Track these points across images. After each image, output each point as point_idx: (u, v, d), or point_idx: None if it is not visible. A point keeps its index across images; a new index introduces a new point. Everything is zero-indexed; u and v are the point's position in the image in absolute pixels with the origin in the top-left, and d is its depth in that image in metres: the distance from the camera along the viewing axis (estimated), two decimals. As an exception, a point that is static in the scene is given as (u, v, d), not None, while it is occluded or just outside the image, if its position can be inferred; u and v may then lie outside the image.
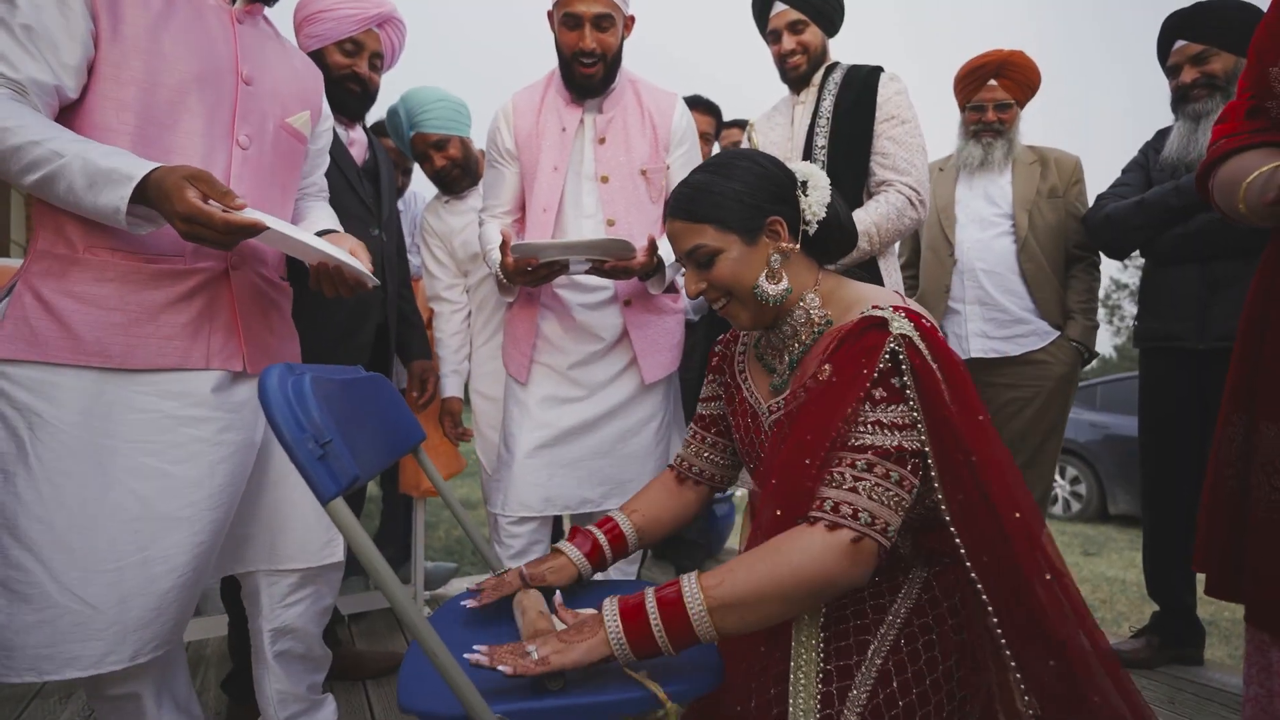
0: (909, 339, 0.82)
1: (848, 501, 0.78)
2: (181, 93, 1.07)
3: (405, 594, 0.76)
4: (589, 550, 1.10)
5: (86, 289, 1.02)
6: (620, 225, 1.65)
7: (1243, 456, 0.90)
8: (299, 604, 1.30)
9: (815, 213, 0.96)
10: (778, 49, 1.90)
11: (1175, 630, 1.95)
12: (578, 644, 0.79)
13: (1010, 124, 2.15)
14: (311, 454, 0.72)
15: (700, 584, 0.79)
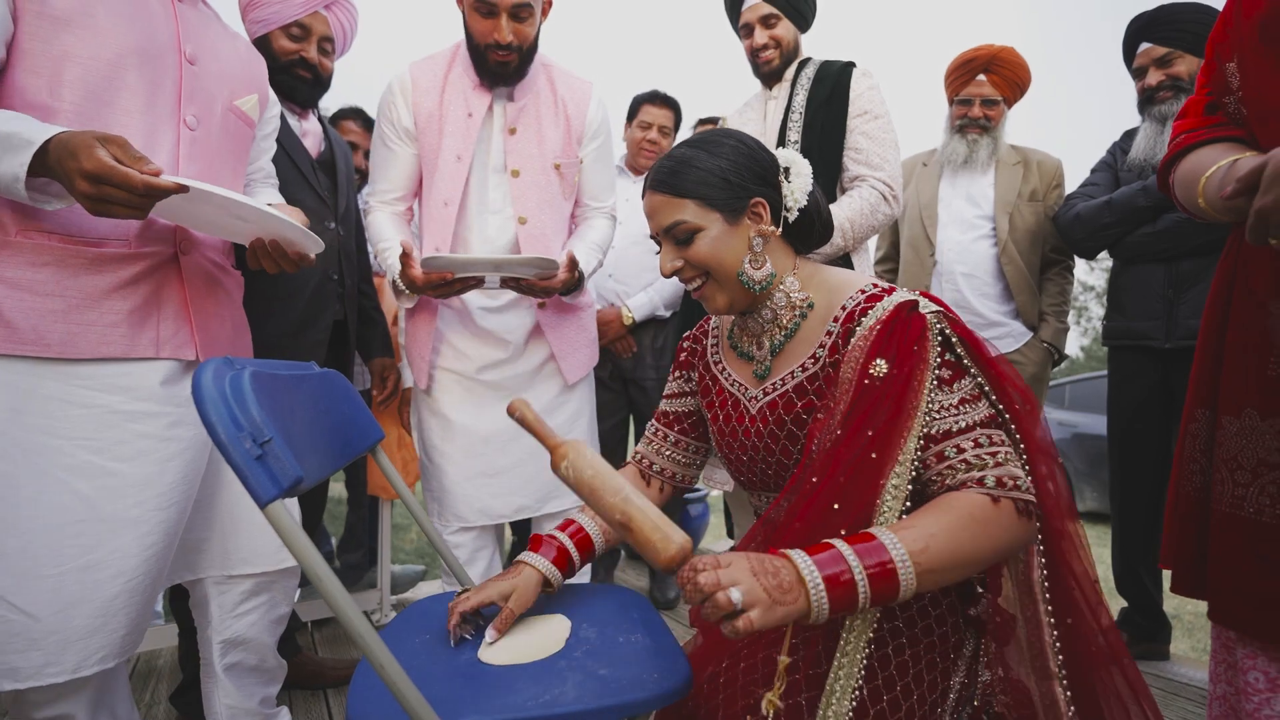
0: (943, 312, 0.84)
1: (1007, 475, 0.78)
2: (119, 68, 1.01)
3: (350, 602, 0.71)
4: (555, 557, 1.02)
5: (20, 274, 0.96)
6: (532, 222, 1.54)
7: (1205, 452, 0.90)
8: (251, 613, 1.25)
9: (797, 199, 0.94)
10: (750, 43, 1.88)
11: (1142, 625, 1.97)
12: (780, 610, 0.68)
13: (996, 121, 2.15)
14: (248, 454, 0.67)
15: (907, 549, 0.72)
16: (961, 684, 0.86)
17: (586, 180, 1.64)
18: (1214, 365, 0.89)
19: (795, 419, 0.91)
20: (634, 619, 1.03)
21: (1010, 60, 2.10)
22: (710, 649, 0.93)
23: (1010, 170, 2.14)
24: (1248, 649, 0.83)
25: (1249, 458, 0.82)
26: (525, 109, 1.54)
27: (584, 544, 1.05)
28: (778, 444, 0.93)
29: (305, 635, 2.16)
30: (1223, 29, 0.91)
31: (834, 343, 0.89)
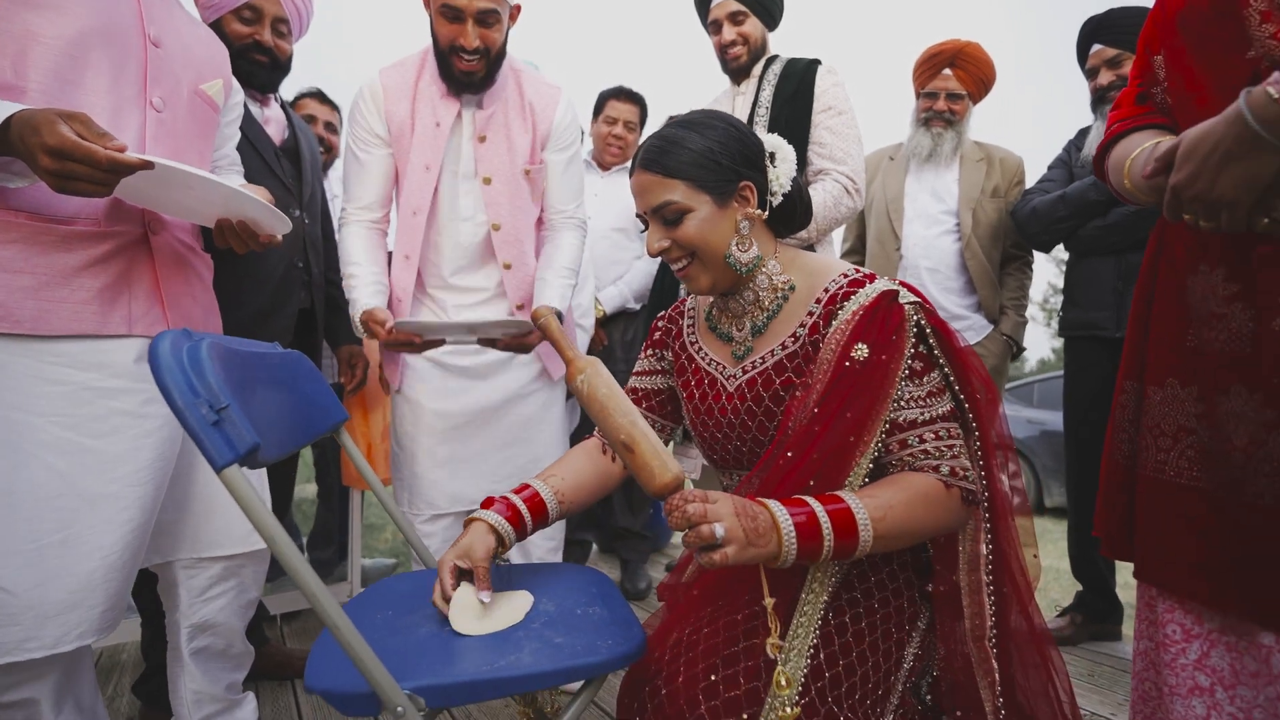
0: (920, 304, 0.88)
1: (961, 467, 0.85)
2: (83, 48, 1.02)
3: (305, 564, 0.73)
4: (507, 515, 1.00)
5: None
6: (506, 228, 1.55)
7: (1134, 422, 0.94)
8: (220, 598, 1.25)
9: (782, 184, 0.96)
10: (719, 40, 1.92)
11: (1096, 608, 2.04)
12: (752, 550, 0.75)
13: (961, 115, 2.19)
14: (204, 419, 0.68)
15: (870, 514, 0.80)
16: (915, 654, 0.90)
17: (556, 187, 1.61)
18: (1141, 339, 0.94)
19: (773, 396, 0.93)
20: (593, 594, 1.06)
21: (975, 56, 2.14)
22: (674, 620, 0.95)
23: (974, 166, 2.19)
24: (1167, 603, 0.88)
25: (1170, 424, 0.87)
26: (494, 116, 1.53)
27: (536, 506, 1.03)
28: (754, 420, 0.95)
29: (274, 629, 2.15)
30: (1151, 24, 0.96)
31: (815, 323, 0.92)
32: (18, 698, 1.03)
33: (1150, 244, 0.97)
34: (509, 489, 1.53)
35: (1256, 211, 0.73)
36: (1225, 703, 0.81)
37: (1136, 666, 0.94)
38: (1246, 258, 0.79)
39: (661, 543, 3.05)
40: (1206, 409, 0.82)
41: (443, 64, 1.46)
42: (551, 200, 1.62)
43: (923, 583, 0.95)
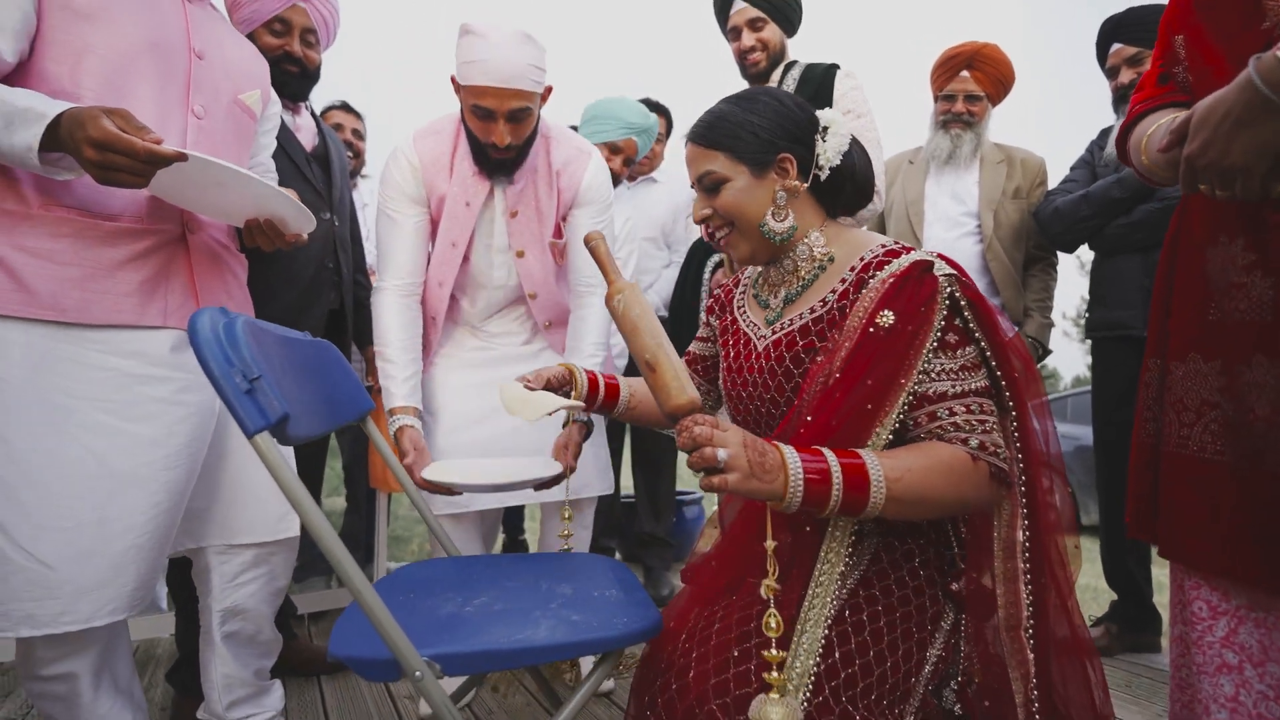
0: (956, 277, 0.86)
1: (992, 443, 0.83)
2: (134, 59, 1.09)
3: (330, 530, 0.76)
4: (590, 379, 1.18)
5: (40, 244, 1.03)
6: (541, 297, 1.57)
7: (1158, 400, 0.93)
8: (251, 583, 1.28)
9: (829, 158, 0.97)
10: (738, 46, 1.95)
11: (1133, 618, 1.97)
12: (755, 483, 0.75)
13: (979, 117, 2.18)
14: (238, 387, 0.72)
15: (885, 473, 0.79)
16: (939, 656, 0.88)
17: (583, 253, 1.55)
18: (1163, 316, 0.94)
19: (794, 357, 0.94)
20: (610, 578, 1.07)
21: (993, 57, 2.13)
22: (692, 600, 0.95)
23: (994, 168, 2.18)
24: (1192, 580, 0.86)
25: (1193, 399, 0.86)
26: (524, 191, 1.52)
27: (612, 390, 1.21)
28: (774, 380, 0.96)
29: (302, 628, 2.19)
30: (1173, 7, 0.97)
31: (845, 289, 0.92)
32: (60, 671, 1.07)
33: (1171, 224, 0.96)
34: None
35: (1271, 179, 0.73)
36: (1255, 680, 0.78)
37: (1173, 653, 0.92)
38: (1263, 225, 0.79)
39: (685, 551, 3.03)
40: (1229, 381, 0.81)
41: (475, 149, 1.45)
42: (578, 264, 1.57)
43: (946, 581, 0.93)
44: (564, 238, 1.58)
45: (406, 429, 1.42)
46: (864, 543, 0.92)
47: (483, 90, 1.33)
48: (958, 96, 2.17)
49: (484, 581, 1.07)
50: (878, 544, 0.92)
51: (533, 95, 1.37)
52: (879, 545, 0.92)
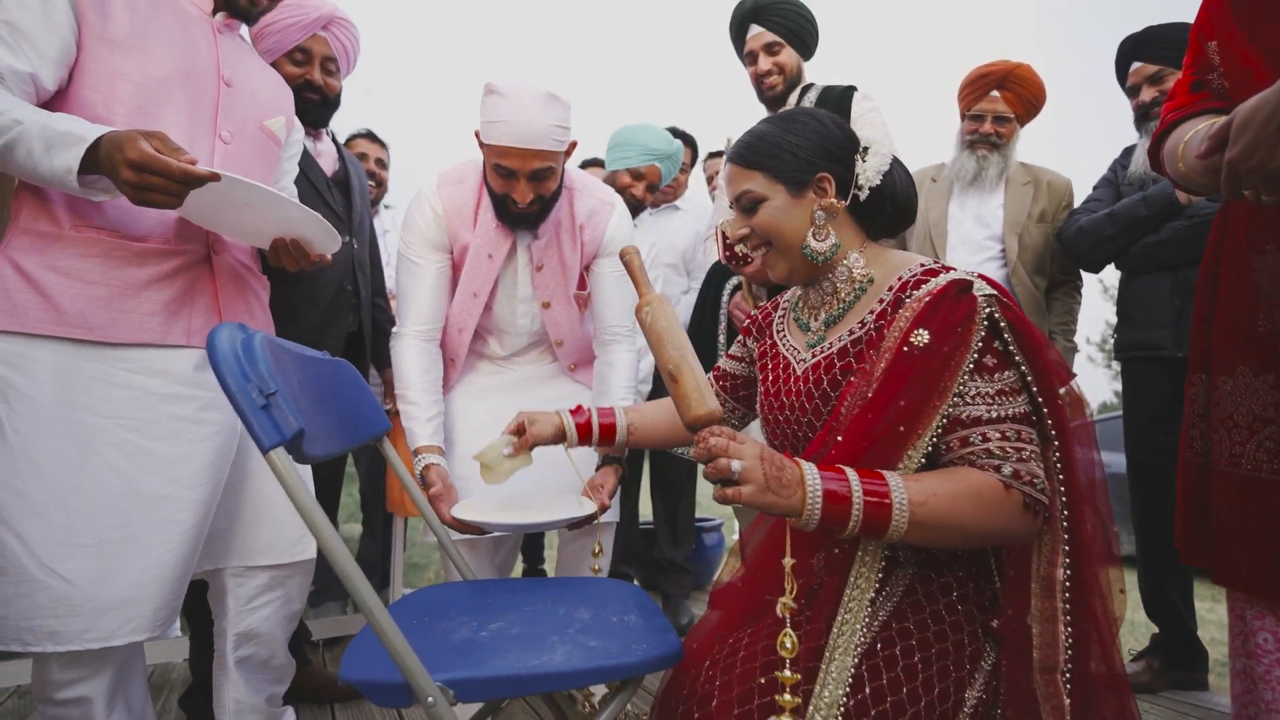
0: (996, 297, 0.83)
1: (1027, 472, 0.80)
2: (166, 86, 1.12)
3: (344, 548, 0.74)
4: (581, 424, 1.21)
5: (70, 264, 1.05)
6: (567, 344, 1.58)
7: (1204, 416, 0.89)
8: (266, 607, 1.27)
9: (868, 178, 0.96)
10: (754, 70, 1.97)
11: (1176, 652, 1.88)
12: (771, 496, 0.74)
13: (1008, 139, 2.11)
14: (254, 402, 0.71)
15: (908, 495, 0.76)
16: (979, 699, 0.83)
17: (608, 299, 1.56)
18: (1206, 330, 0.90)
19: (832, 380, 0.92)
20: (629, 604, 1.04)
21: (1026, 78, 2.06)
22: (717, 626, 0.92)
23: (1020, 190, 2.12)
24: (1255, 609, 0.81)
25: (1244, 415, 0.82)
26: (548, 244, 1.51)
27: (607, 429, 1.23)
28: (811, 404, 0.95)
29: (316, 654, 2.16)
30: (1205, 11, 0.96)
31: (883, 309, 0.90)
32: (75, 695, 1.06)
33: (1211, 234, 0.93)
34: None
35: None
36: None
37: (1235, 689, 0.87)
38: None
39: (704, 579, 2.97)
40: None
41: (497, 204, 1.43)
42: (603, 313, 1.57)
43: (987, 618, 0.88)
44: (587, 288, 1.59)
45: (433, 466, 1.42)
46: (898, 572, 0.89)
47: (506, 150, 1.33)
48: (986, 117, 2.09)
49: (500, 605, 1.05)
50: (913, 574, 0.88)
51: (556, 155, 1.36)
52: (914, 576, 0.88)
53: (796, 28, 1.92)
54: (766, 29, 1.92)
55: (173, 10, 1.17)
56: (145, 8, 1.12)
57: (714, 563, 3.08)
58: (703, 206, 2.68)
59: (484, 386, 1.63)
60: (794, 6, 1.92)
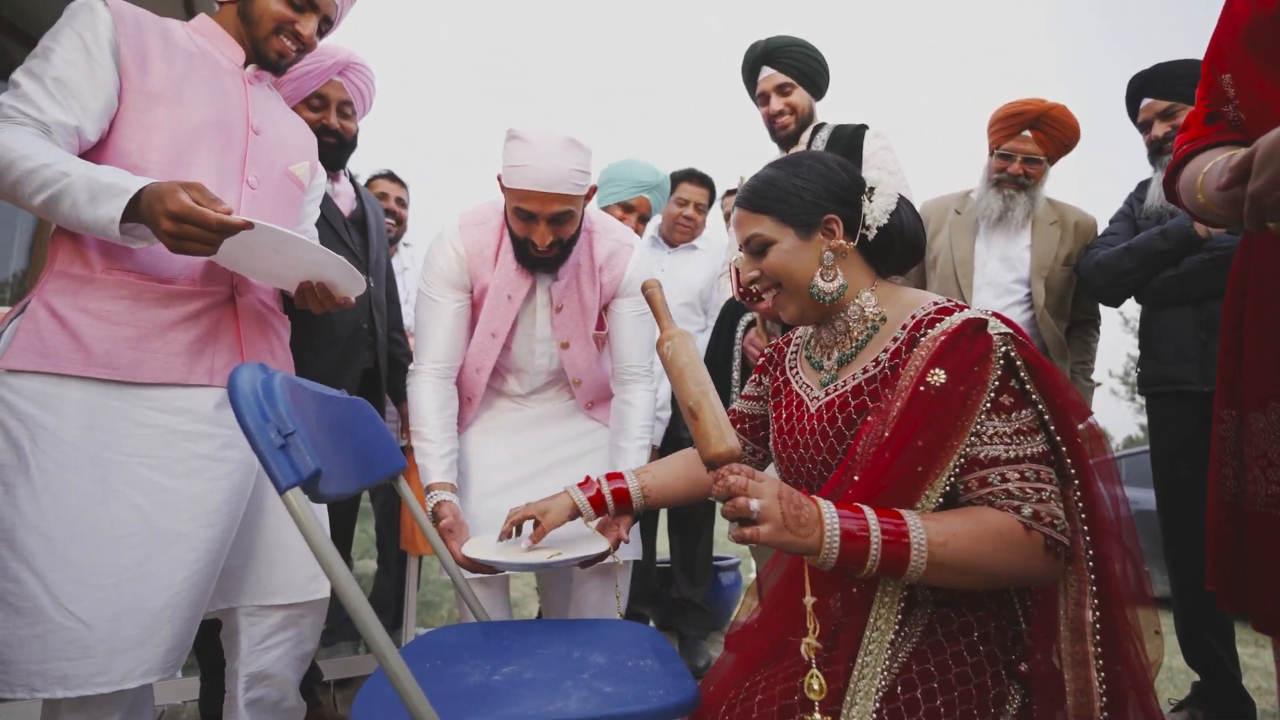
0: (1012, 335, 0.83)
1: (1048, 513, 0.79)
2: (198, 136, 1.16)
3: (363, 597, 0.74)
4: (593, 497, 1.23)
5: (101, 305, 1.08)
6: (586, 383, 1.60)
7: (1236, 454, 0.87)
8: (278, 647, 1.26)
9: (876, 218, 0.97)
10: (767, 110, 2.00)
11: (1220, 700, 1.80)
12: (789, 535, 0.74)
13: (1037, 179, 2.04)
14: (272, 442, 0.72)
15: (928, 536, 0.76)
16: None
17: (626, 339, 1.57)
18: (1235, 364, 0.88)
19: (847, 419, 0.92)
20: (645, 648, 1.02)
21: (1060, 119, 1.97)
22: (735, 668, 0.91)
23: (1047, 231, 2.05)
24: None
25: (1278, 451, 0.80)
26: (568, 286, 1.53)
27: (621, 496, 1.24)
28: (826, 442, 0.94)
29: (327, 694, 2.13)
30: (1216, 45, 0.96)
31: (897, 348, 0.90)
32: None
33: (1235, 265, 0.92)
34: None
35: None
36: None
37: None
38: None
39: (721, 619, 2.90)
40: None
41: (517, 247, 1.45)
42: (622, 352, 1.57)
43: (1011, 659, 0.86)
44: (605, 328, 1.60)
45: (445, 503, 1.42)
46: (916, 611, 0.87)
47: (526, 194, 1.35)
48: (1016, 157, 2.02)
49: (514, 649, 1.03)
50: (932, 614, 0.87)
51: (575, 199, 1.38)
52: (934, 615, 0.86)
53: (807, 69, 1.96)
54: (778, 71, 1.96)
55: (207, 64, 1.22)
56: (182, 62, 1.18)
57: (731, 603, 3.01)
58: (720, 245, 2.70)
59: (501, 424, 1.63)
60: (804, 49, 1.96)
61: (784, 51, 1.95)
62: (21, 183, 0.99)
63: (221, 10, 1.28)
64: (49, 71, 1.06)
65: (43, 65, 1.07)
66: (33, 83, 1.06)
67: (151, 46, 1.15)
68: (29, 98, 1.04)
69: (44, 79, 1.06)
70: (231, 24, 1.27)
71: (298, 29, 1.27)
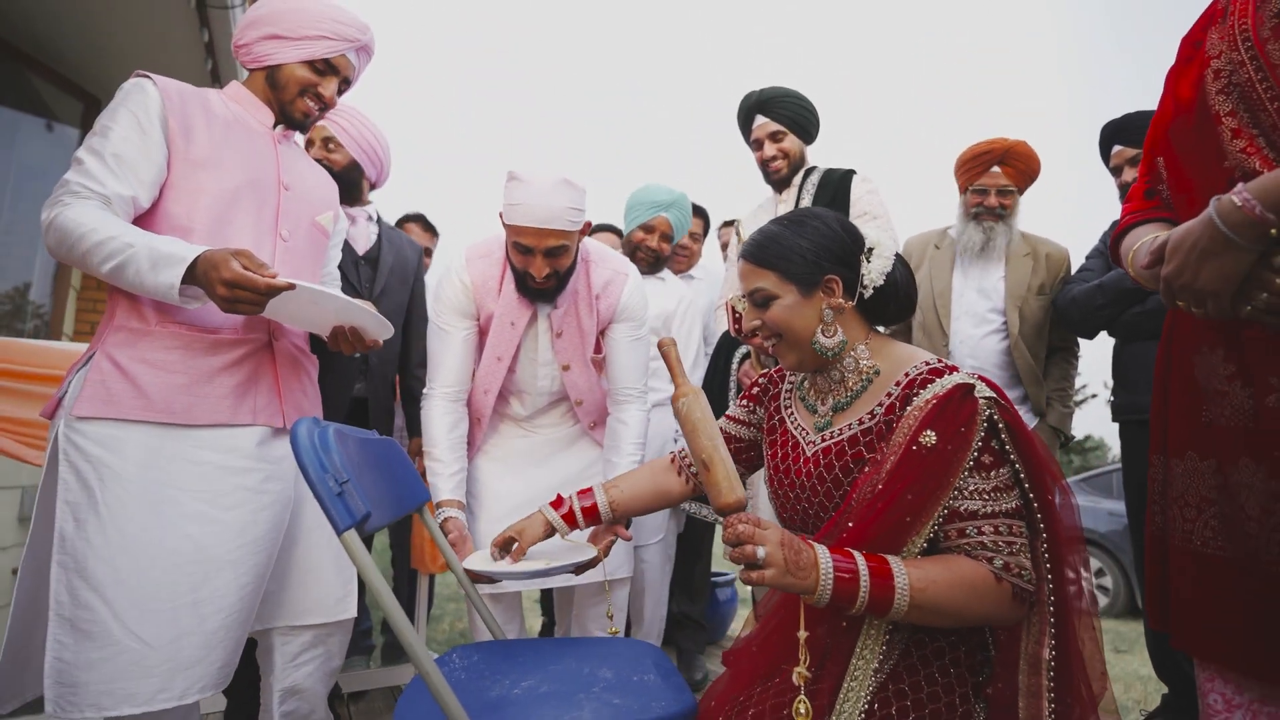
0: (995, 400, 0.91)
1: (1017, 564, 0.88)
2: (237, 196, 1.29)
3: (409, 624, 0.85)
4: (565, 514, 1.28)
5: (157, 355, 1.20)
6: (586, 403, 1.70)
7: (1162, 494, 0.98)
8: (309, 663, 1.37)
9: (873, 279, 1.05)
10: (761, 155, 2.13)
11: (1187, 712, 1.91)
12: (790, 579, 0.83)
13: (1011, 210, 2.22)
14: (331, 490, 0.84)
15: (910, 581, 0.85)
16: None
17: (621, 363, 1.69)
18: (1162, 415, 1.00)
19: (844, 466, 1.00)
20: (648, 664, 1.13)
21: (1024, 153, 2.19)
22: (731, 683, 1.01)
23: (1021, 262, 2.20)
24: (1206, 672, 0.89)
25: (1194, 495, 0.91)
26: (567, 313, 1.64)
27: (590, 511, 1.29)
28: (823, 486, 1.02)
29: (342, 706, 2.23)
30: (1154, 130, 1.07)
31: (892, 404, 0.98)
32: None
33: (1165, 324, 1.04)
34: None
35: (1239, 300, 0.81)
36: (1272, 777, 0.80)
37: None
38: (1238, 340, 0.86)
39: (718, 634, 3.01)
40: (1223, 480, 0.87)
41: (517, 278, 1.57)
42: (616, 375, 1.70)
43: (979, 681, 0.96)
44: (603, 352, 1.72)
45: (452, 519, 1.54)
46: (896, 637, 0.96)
47: (522, 230, 1.47)
48: (990, 190, 2.20)
49: (529, 665, 1.14)
50: (908, 639, 0.96)
51: (570, 234, 1.51)
52: (910, 640, 0.96)
53: (799, 117, 2.09)
54: (771, 119, 2.09)
55: (242, 128, 1.34)
56: (221, 129, 1.30)
57: (727, 618, 3.12)
58: (716, 274, 2.82)
59: (509, 451, 1.74)
60: (795, 99, 2.09)
61: (777, 101, 2.09)
62: (91, 253, 1.11)
63: (251, 77, 1.41)
64: (108, 148, 1.18)
65: (102, 143, 1.19)
66: (94, 159, 1.17)
67: (194, 118, 1.27)
68: (92, 174, 1.16)
69: (104, 155, 1.17)
70: (260, 89, 1.39)
71: (320, 90, 1.39)
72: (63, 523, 1.10)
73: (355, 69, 1.47)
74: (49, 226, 1.14)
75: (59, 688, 1.05)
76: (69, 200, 1.14)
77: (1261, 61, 0.84)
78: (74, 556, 1.09)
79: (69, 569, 1.09)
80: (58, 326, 3.57)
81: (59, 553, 1.10)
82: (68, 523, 1.10)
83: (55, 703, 1.05)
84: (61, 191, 1.16)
